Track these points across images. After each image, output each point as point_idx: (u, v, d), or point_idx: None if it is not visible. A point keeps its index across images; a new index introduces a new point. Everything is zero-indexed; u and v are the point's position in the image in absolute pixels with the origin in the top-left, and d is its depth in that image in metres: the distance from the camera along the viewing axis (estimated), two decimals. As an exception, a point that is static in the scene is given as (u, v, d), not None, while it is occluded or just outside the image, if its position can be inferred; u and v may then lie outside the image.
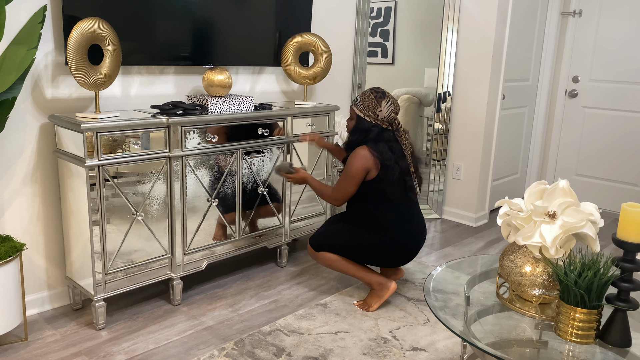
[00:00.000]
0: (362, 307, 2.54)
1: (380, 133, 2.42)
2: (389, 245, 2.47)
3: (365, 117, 2.43)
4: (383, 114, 2.41)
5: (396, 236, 2.46)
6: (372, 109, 2.41)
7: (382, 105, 2.40)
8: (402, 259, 2.54)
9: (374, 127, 2.42)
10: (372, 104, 2.41)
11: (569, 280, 1.45)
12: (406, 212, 2.48)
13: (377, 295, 2.53)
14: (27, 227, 2.34)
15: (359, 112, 2.44)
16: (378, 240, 2.46)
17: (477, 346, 1.45)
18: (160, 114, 2.36)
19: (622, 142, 4.19)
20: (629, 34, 4.05)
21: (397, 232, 2.46)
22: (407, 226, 2.48)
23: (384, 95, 2.43)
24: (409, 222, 2.49)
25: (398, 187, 2.41)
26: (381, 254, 2.50)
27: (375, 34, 4.85)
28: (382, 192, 2.41)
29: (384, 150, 2.38)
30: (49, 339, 2.21)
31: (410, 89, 4.89)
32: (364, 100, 2.43)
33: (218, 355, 2.12)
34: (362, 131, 2.43)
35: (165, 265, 2.46)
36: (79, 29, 2.05)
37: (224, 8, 2.73)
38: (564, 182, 1.61)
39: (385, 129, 2.44)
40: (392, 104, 2.43)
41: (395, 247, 2.48)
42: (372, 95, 2.42)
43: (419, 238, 2.52)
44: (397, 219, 2.46)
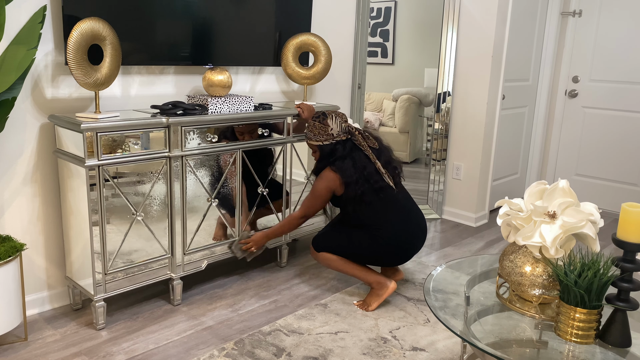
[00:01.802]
0: (361, 307, 2.54)
1: (344, 148, 2.48)
2: (385, 245, 2.48)
3: (324, 143, 2.49)
4: (335, 129, 2.48)
5: (393, 234, 2.47)
6: (324, 132, 2.48)
7: (328, 123, 2.48)
8: (401, 257, 2.55)
9: (336, 145, 2.49)
10: (320, 129, 2.48)
11: (569, 280, 1.45)
12: (394, 208, 2.50)
13: (376, 294, 2.53)
14: (27, 227, 2.34)
15: (316, 142, 2.51)
16: (374, 241, 2.48)
17: (477, 346, 1.45)
18: (160, 114, 2.36)
19: (622, 142, 4.19)
20: (629, 34, 4.05)
21: (393, 230, 2.47)
22: (402, 223, 2.49)
23: (324, 115, 2.50)
24: (403, 220, 2.50)
25: (369, 193, 2.45)
26: (379, 254, 2.51)
27: (375, 34, 4.85)
28: (359, 202, 2.46)
29: (346, 168, 2.45)
30: (49, 339, 2.21)
31: (410, 89, 4.89)
32: (312, 131, 2.51)
33: (218, 355, 2.12)
34: (327, 155, 2.50)
35: (165, 265, 2.46)
36: (79, 29, 2.05)
37: (224, 8, 2.73)
38: (564, 182, 1.61)
39: (346, 140, 2.50)
40: (337, 117, 2.50)
41: (392, 247, 2.49)
42: (316, 123, 2.50)
43: (416, 233, 2.53)
44: (388, 217, 2.48)
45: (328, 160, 2.50)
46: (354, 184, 2.43)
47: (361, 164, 2.47)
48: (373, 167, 2.47)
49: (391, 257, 2.55)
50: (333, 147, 2.49)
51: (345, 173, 2.44)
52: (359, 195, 2.44)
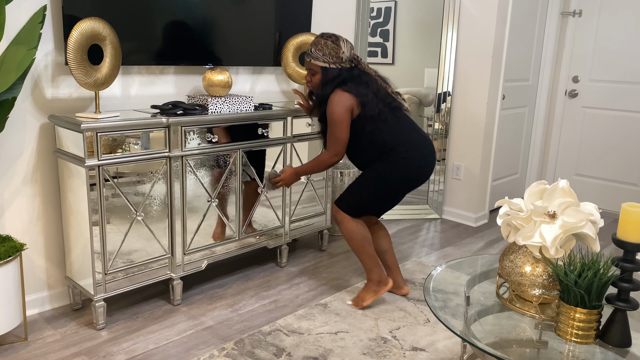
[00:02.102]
0: (355, 303, 2.53)
1: (350, 73, 2.36)
2: (406, 167, 2.38)
3: (331, 66, 2.34)
4: (346, 54, 2.34)
5: (413, 147, 2.38)
6: (336, 54, 2.32)
7: (341, 46, 2.33)
8: (420, 175, 2.44)
9: (341, 71, 2.35)
10: (333, 50, 2.32)
11: (569, 280, 1.45)
12: (410, 126, 2.42)
13: (373, 290, 2.52)
14: (27, 227, 2.34)
15: (323, 63, 2.34)
16: (395, 166, 2.38)
17: (477, 346, 1.45)
18: (160, 114, 2.36)
19: (622, 142, 4.19)
20: (629, 34, 4.05)
21: (413, 143, 2.38)
22: (419, 138, 2.42)
23: (337, 37, 2.36)
24: (419, 136, 2.43)
25: (387, 112, 2.36)
26: (401, 180, 2.41)
27: (375, 34, 4.85)
28: (378, 120, 2.34)
29: (359, 87, 2.33)
30: (49, 339, 2.21)
31: (410, 89, 4.89)
32: (323, 50, 2.33)
33: (218, 355, 2.12)
34: (331, 80, 2.35)
35: (165, 265, 2.46)
36: (79, 29, 2.05)
37: (224, 8, 2.73)
38: (564, 182, 1.61)
39: (352, 68, 2.38)
40: (348, 41, 2.38)
41: (414, 164, 2.39)
42: (329, 42, 2.33)
43: (431, 149, 2.46)
44: (406, 133, 2.39)
45: (332, 86, 2.35)
46: (371, 102, 2.33)
47: (374, 86, 2.38)
48: (384, 90, 2.41)
49: (412, 180, 2.43)
50: (338, 73, 2.34)
51: (360, 92, 2.32)
52: (377, 113, 2.33)
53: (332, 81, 2.34)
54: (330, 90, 2.34)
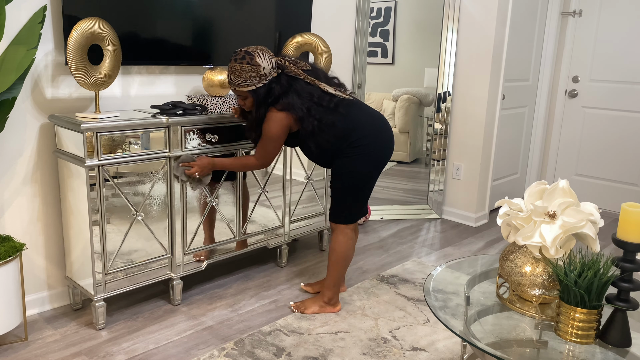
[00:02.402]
0: (296, 307, 2.51)
1: (281, 85, 2.21)
2: (369, 147, 2.31)
3: (258, 86, 2.19)
4: (267, 67, 2.18)
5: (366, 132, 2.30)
6: (257, 74, 2.16)
7: (259, 63, 2.16)
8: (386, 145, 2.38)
9: (270, 85, 2.20)
10: (253, 71, 2.15)
11: (569, 280, 1.45)
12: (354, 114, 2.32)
13: (320, 305, 2.49)
14: (27, 227, 2.34)
15: (249, 87, 2.19)
16: (359, 154, 2.31)
17: (477, 346, 1.45)
18: (160, 114, 2.36)
19: (622, 142, 4.19)
20: (629, 34, 4.05)
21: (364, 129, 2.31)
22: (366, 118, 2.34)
23: (251, 54, 2.17)
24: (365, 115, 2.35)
25: (328, 115, 2.25)
26: (372, 159, 2.34)
27: (375, 34, 4.85)
28: (321, 129, 2.25)
29: (293, 102, 2.20)
30: (49, 339, 2.21)
31: (410, 89, 4.89)
32: (243, 75, 2.16)
33: (218, 355, 2.12)
34: (264, 100, 2.21)
35: (165, 265, 2.46)
36: (79, 28, 2.05)
37: (224, 8, 2.73)
38: (564, 182, 1.61)
39: (279, 75, 2.23)
40: (264, 52, 2.20)
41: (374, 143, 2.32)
42: (244, 65, 2.15)
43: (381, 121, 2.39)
44: (352, 124, 2.30)
45: (267, 103, 2.21)
46: (308, 116, 2.22)
47: (306, 92, 2.23)
48: (319, 90, 2.25)
49: (380, 162, 2.38)
50: (268, 88, 2.19)
51: (294, 108, 2.19)
52: (317, 124, 2.23)
53: (265, 101, 2.21)
54: (265, 110, 2.23)
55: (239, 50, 2.20)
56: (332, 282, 2.49)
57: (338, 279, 2.49)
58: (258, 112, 2.23)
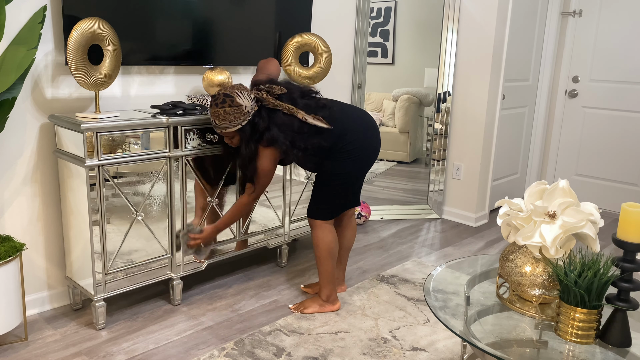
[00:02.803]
0: (296, 307, 2.51)
1: (262, 119, 2.24)
2: (357, 150, 2.36)
3: (243, 124, 2.22)
4: (248, 104, 2.21)
5: (354, 135, 2.35)
6: (241, 114, 2.20)
7: (241, 102, 2.20)
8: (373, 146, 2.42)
9: (254, 120, 2.23)
10: (236, 112, 2.20)
11: (569, 280, 1.45)
12: (339, 120, 2.35)
13: (319, 304, 2.50)
14: (27, 227, 2.34)
15: (235, 127, 2.23)
16: (347, 156, 2.36)
17: (477, 346, 1.45)
18: (160, 114, 2.37)
19: (622, 142, 4.19)
20: (629, 34, 4.05)
21: (351, 132, 2.35)
22: (350, 122, 2.37)
23: (231, 96, 2.20)
24: (349, 118, 2.38)
25: (311, 138, 2.30)
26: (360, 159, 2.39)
27: (375, 34, 4.85)
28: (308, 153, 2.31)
29: (276, 137, 2.24)
30: (49, 339, 2.21)
31: (410, 89, 4.89)
32: (228, 117, 2.20)
33: (218, 355, 2.12)
34: (251, 136, 2.25)
35: (165, 265, 2.46)
36: (79, 29, 2.05)
37: (224, 8, 2.73)
38: (564, 182, 1.61)
39: (260, 108, 2.26)
40: (242, 90, 2.24)
41: (362, 145, 2.37)
42: (227, 108, 2.19)
43: (367, 120, 2.43)
44: (338, 131, 2.34)
45: (254, 139, 2.26)
46: (291, 148, 2.27)
47: (286, 124, 2.26)
48: (297, 120, 2.28)
49: (369, 162, 2.43)
50: (253, 124, 2.23)
51: (278, 142, 2.24)
52: (301, 154, 2.29)
53: (252, 137, 2.25)
54: (254, 147, 2.27)
55: (217, 95, 2.22)
56: (325, 279, 2.49)
57: (330, 274, 2.49)
58: (248, 149, 2.27)
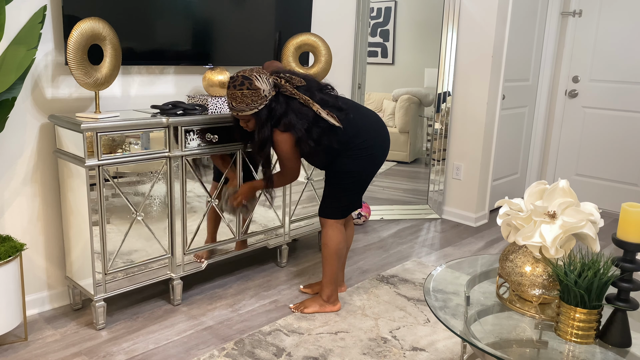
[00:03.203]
0: (296, 307, 2.52)
1: (280, 105, 2.23)
2: (369, 149, 2.36)
3: (260, 109, 2.20)
4: (266, 89, 2.18)
5: (367, 135, 2.36)
6: (258, 98, 2.17)
7: (259, 86, 2.17)
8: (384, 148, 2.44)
9: (271, 105, 2.21)
10: (253, 96, 2.16)
11: (569, 280, 1.45)
12: (352, 120, 2.36)
13: (320, 303, 2.50)
14: (27, 227, 2.34)
15: (251, 111, 2.20)
16: (360, 156, 2.36)
17: (477, 346, 1.45)
18: (160, 114, 2.37)
19: (622, 142, 4.19)
20: (629, 34, 4.05)
21: (365, 132, 2.36)
22: (364, 121, 2.38)
23: (249, 79, 2.17)
24: (363, 117, 2.39)
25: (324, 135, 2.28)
26: (372, 160, 2.39)
27: (375, 34, 4.85)
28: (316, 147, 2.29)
29: (293, 123, 2.22)
30: (49, 339, 2.21)
31: (410, 89, 4.89)
32: (245, 100, 2.17)
33: (218, 355, 2.12)
34: (266, 121, 2.22)
35: (165, 265, 2.46)
36: (79, 29, 2.05)
37: (224, 8, 2.73)
38: (564, 182, 1.61)
39: (277, 94, 2.24)
40: (261, 74, 2.21)
41: (374, 145, 2.38)
42: (244, 91, 2.16)
43: (378, 121, 2.44)
44: (351, 130, 2.34)
45: (270, 124, 2.24)
46: (306, 137, 2.24)
47: (302, 113, 2.24)
48: (313, 112, 2.26)
49: (379, 163, 2.43)
50: (270, 109, 2.21)
51: (295, 128, 2.22)
52: (313, 145, 2.27)
53: (267, 122, 2.23)
54: (269, 131, 2.25)
55: (236, 76, 2.19)
56: (329, 278, 2.49)
57: (334, 274, 2.49)
58: (260, 133, 2.24)
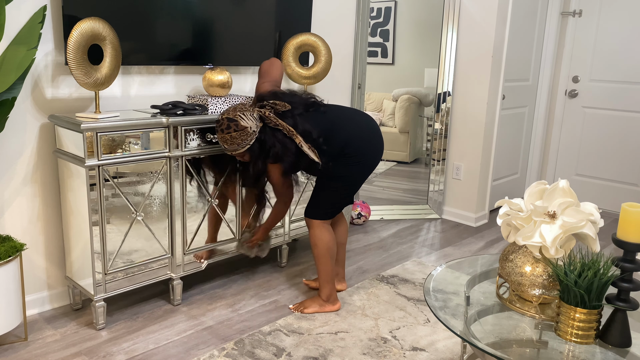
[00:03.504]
0: (296, 307, 2.52)
1: (268, 137, 2.29)
2: (361, 156, 2.38)
3: (252, 144, 2.27)
4: (252, 125, 2.25)
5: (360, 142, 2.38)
6: (247, 136, 2.25)
7: (246, 125, 2.23)
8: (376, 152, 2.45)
9: (260, 137, 2.28)
10: (242, 135, 2.24)
11: (569, 280, 1.45)
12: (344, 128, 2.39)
13: (319, 303, 2.51)
14: (27, 227, 2.34)
15: (244, 148, 2.27)
16: (351, 162, 2.38)
17: (477, 346, 1.45)
18: (160, 114, 2.36)
19: (622, 142, 4.19)
20: (629, 34, 4.05)
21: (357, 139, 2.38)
22: (356, 127, 2.40)
23: (232, 120, 2.23)
24: (355, 124, 2.41)
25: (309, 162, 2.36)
26: (363, 165, 2.41)
27: (375, 34, 4.85)
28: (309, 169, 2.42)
29: (279, 154, 2.29)
30: (49, 339, 2.21)
31: (410, 89, 4.89)
32: (235, 141, 2.24)
33: (218, 355, 2.12)
34: (259, 155, 2.30)
35: (165, 265, 2.46)
36: (78, 29, 2.05)
37: (224, 8, 2.73)
38: (564, 182, 1.61)
39: (264, 127, 2.30)
40: (244, 111, 2.27)
41: (367, 151, 2.40)
42: (233, 133, 2.23)
43: (372, 126, 2.45)
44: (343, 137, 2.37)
45: (262, 156, 2.31)
46: (290, 169, 2.36)
47: (287, 146, 2.30)
48: (294, 145, 2.30)
49: (371, 167, 2.45)
50: (261, 141, 2.28)
51: (282, 160, 2.31)
52: (304, 169, 2.41)
53: (260, 156, 2.31)
54: (262, 164, 2.33)
55: (221, 120, 2.25)
56: (324, 278, 2.49)
57: (329, 273, 2.49)
58: (255, 167, 2.33)
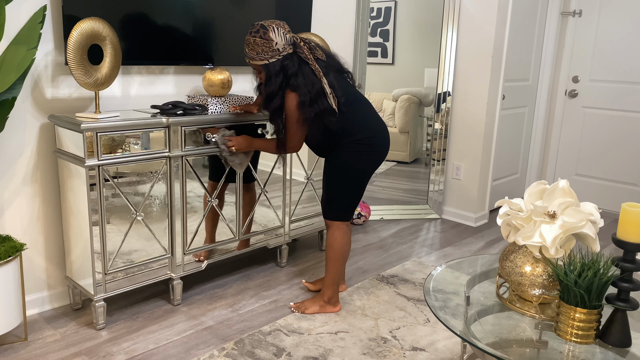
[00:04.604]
0: (296, 307, 2.51)
1: (293, 64, 2.19)
2: (371, 146, 2.34)
3: (270, 61, 2.17)
4: (280, 42, 2.15)
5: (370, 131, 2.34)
6: (270, 49, 2.14)
7: (271, 37, 2.13)
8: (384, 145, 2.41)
9: (284, 62, 2.18)
10: (264, 46, 2.13)
11: (569, 280, 1.45)
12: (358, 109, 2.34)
13: (320, 305, 2.50)
14: (27, 227, 2.34)
15: (261, 61, 2.17)
16: (361, 149, 2.34)
17: (477, 346, 1.45)
18: (160, 114, 2.36)
19: (622, 142, 4.19)
20: (629, 34, 4.05)
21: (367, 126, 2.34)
22: (368, 115, 2.36)
23: (265, 27, 2.15)
24: (367, 111, 2.37)
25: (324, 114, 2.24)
26: (372, 155, 2.37)
27: (375, 34, 4.85)
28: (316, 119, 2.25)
29: (300, 85, 2.18)
30: (49, 339, 2.21)
31: (410, 89, 4.89)
32: (256, 48, 2.15)
33: (218, 355, 2.12)
34: (275, 76, 2.19)
35: (165, 265, 2.46)
36: (78, 28, 2.05)
37: (224, 8, 2.73)
38: (564, 182, 1.61)
39: (293, 53, 2.21)
40: (279, 27, 2.17)
41: (376, 142, 2.35)
42: (257, 39, 2.14)
43: (380, 120, 2.43)
44: (355, 119, 2.32)
45: (280, 80, 2.20)
46: (309, 105, 2.20)
47: (311, 80, 2.20)
48: (320, 84, 2.21)
49: (378, 161, 2.42)
50: (282, 64, 2.18)
51: (300, 90, 2.19)
52: (313, 116, 2.23)
53: (276, 77, 2.19)
54: (277, 87, 2.21)
55: (256, 23, 2.18)
56: (332, 280, 2.49)
57: (337, 276, 2.49)
58: (268, 87, 2.21)
